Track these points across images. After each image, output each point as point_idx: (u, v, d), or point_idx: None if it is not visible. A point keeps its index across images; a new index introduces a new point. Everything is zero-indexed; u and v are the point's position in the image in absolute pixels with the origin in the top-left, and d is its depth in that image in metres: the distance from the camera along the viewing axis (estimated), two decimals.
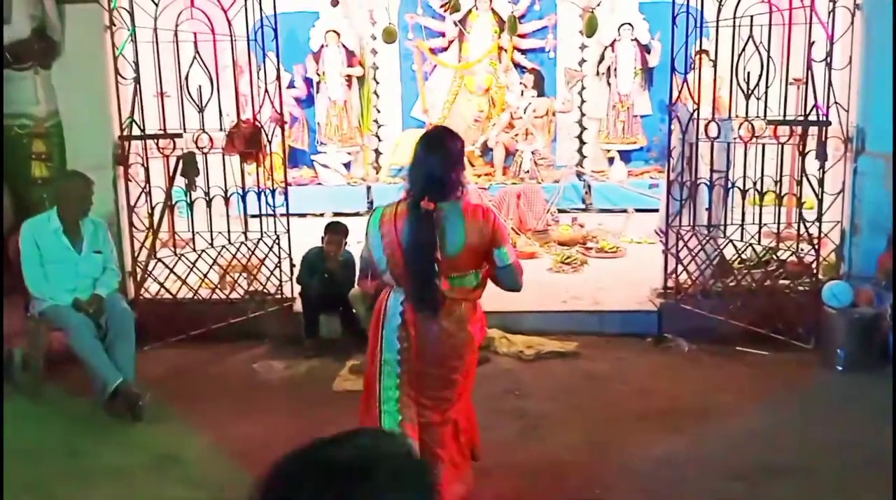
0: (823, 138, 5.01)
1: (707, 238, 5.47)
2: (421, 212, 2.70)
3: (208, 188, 5.38)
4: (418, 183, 2.76)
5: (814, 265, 5.18)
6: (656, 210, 6.60)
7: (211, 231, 5.42)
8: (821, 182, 5.05)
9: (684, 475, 3.54)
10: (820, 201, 5.03)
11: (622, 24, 9.38)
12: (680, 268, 5.52)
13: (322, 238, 5.39)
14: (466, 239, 2.72)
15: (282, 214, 5.75)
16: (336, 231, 5.38)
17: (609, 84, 9.62)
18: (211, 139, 5.33)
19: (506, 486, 3.46)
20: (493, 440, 3.94)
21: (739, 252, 5.51)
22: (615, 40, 9.44)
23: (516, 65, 9.76)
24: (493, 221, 2.75)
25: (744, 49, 5.14)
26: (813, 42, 4.94)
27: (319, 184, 9.36)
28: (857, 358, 4.71)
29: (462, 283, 2.80)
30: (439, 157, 2.77)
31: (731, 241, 5.48)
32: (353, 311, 5.35)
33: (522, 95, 9.54)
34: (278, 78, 5.62)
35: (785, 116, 5.18)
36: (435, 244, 2.70)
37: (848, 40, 5.13)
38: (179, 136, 5.24)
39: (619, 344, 5.27)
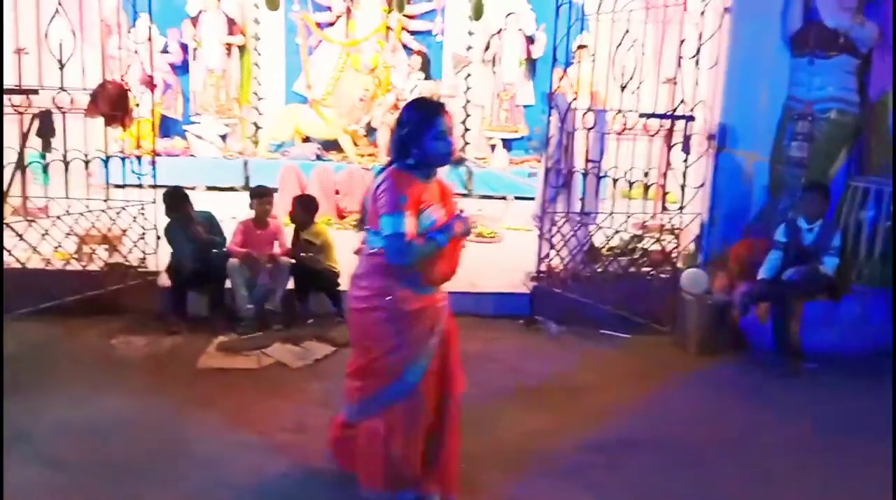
0: (689, 133, 5.27)
1: (579, 225, 5.66)
2: None
3: (66, 151, 5.01)
4: None
5: (674, 254, 5.46)
6: (534, 198, 6.77)
7: (67, 197, 5.05)
8: (684, 175, 5.33)
9: (550, 448, 3.65)
10: (683, 193, 5.31)
11: (509, 14, 9.52)
12: (553, 253, 5.68)
13: (168, 212, 5.21)
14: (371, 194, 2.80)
15: (150, 185, 5.45)
16: (183, 197, 5.24)
17: (494, 72, 9.76)
18: (72, 99, 4.96)
19: None
20: None
21: (608, 239, 5.73)
22: (501, 29, 9.59)
23: (404, 46, 9.73)
24: (373, 191, 2.75)
25: (620, 44, 5.32)
26: (683, 40, 5.18)
27: (192, 155, 8.97)
28: (709, 341, 5.02)
29: (367, 238, 2.86)
30: (396, 122, 2.80)
31: (600, 228, 5.69)
32: (227, 285, 5.17)
33: (409, 76, 9.52)
34: (150, 38, 5.30)
35: (655, 111, 5.41)
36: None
37: (717, 41, 5.43)
38: (35, 92, 4.85)
39: (493, 325, 5.37)
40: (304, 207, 5.52)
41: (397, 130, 2.78)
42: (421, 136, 2.70)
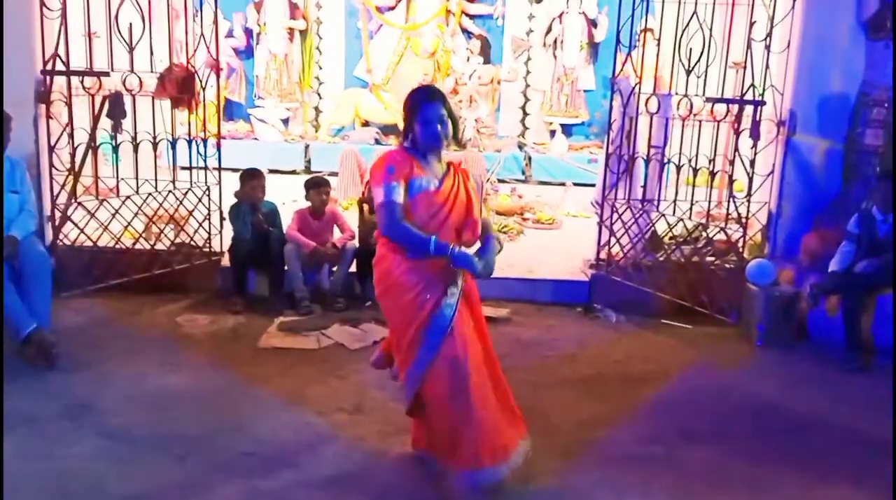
0: (758, 118, 5.10)
1: (640, 212, 5.55)
2: None
3: (136, 133, 5.14)
4: None
5: (740, 244, 5.31)
6: (594, 185, 6.67)
7: (137, 178, 5.20)
8: (752, 163, 5.17)
9: (606, 437, 3.61)
10: (750, 181, 5.15)
11: None
12: (613, 240, 5.59)
13: (240, 188, 5.29)
14: None
15: (214, 167, 5.56)
16: (256, 176, 5.33)
17: (555, 56, 9.64)
18: (141, 81, 5.09)
19: None
20: None
21: (671, 228, 5.61)
22: (563, 12, 9.44)
23: (464, 30, 9.68)
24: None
25: (687, 26, 5.18)
26: (754, 22, 5.01)
27: (255, 139, 9.12)
28: (775, 334, 4.87)
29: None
30: None
31: (663, 216, 5.57)
32: (285, 267, 5.25)
33: (468, 60, 9.48)
34: (215, 21, 5.39)
35: (723, 95, 5.26)
36: None
37: (788, 24, 5.23)
38: (107, 74, 4.99)
39: (550, 312, 5.33)
40: None
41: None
42: (412, 121, 2.88)
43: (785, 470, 3.40)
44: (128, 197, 5.21)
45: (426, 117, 2.85)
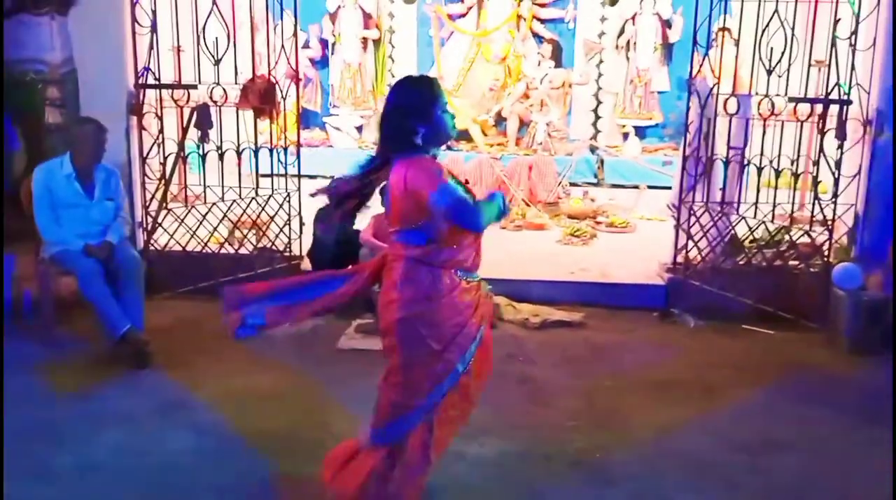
0: (844, 118, 4.95)
1: (720, 215, 5.44)
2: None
3: (221, 142, 5.36)
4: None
5: (825, 247, 5.15)
6: (668, 188, 6.57)
7: (222, 186, 5.42)
8: (838, 163, 5.01)
9: (685, 444, 3.56)
10: (836, 182, 4.99)
11: None
12: (690, 244, 5.50)
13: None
14: (391, 196, 2.63)
15: (293, 175, 5.73)
16: None
17: (628, 58, 9.51)
18: (225, 93, 5.30)
19: (508, 446, 3.48)
20: (496, 403, 3.94)
21: (752, 231, 5.48)
22: (636, 13, 9.32)
23: (535, 34, 9.65)
24: (404, 176, 2.53)
25: (767, 25, 5.06)
26: (838, 20, 4.86)
27: (330, 146, 9.32)
28: (863, 341, 4.71)
29: (400, 239, 2.65)
30: (388, 106, 2.65)
31: (743, 219, 5.45)
32: None
33: (539, 65, 9.44)
34: (295, 34, 5.56)
35: (805, 94, 5.11)
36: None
37: (874, 21, 5.05)
38: (194, 87, 5.22)
39: (626, 317, 5.27)
40: None
41: (395, 114, 2.60)
42: (431, 111, 2.57)
43: (875, 481, 3.29)
44: (213, 204, 5.43)
45: (445, 102, 2.60)
